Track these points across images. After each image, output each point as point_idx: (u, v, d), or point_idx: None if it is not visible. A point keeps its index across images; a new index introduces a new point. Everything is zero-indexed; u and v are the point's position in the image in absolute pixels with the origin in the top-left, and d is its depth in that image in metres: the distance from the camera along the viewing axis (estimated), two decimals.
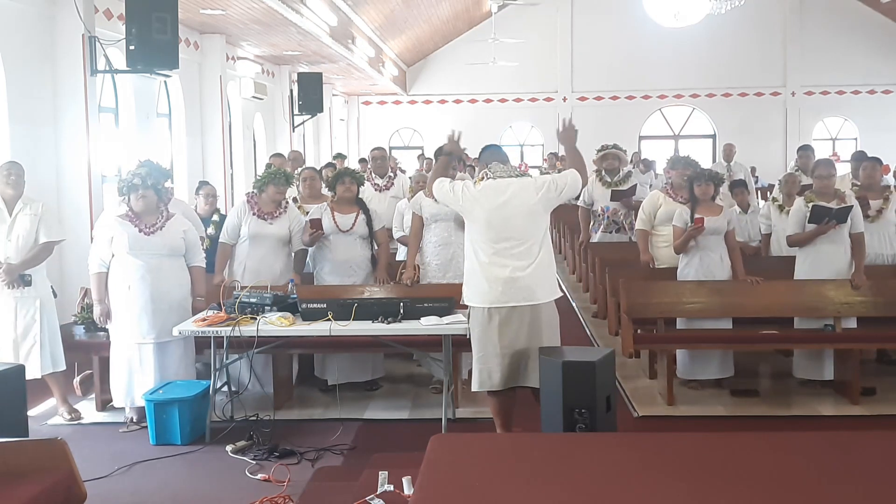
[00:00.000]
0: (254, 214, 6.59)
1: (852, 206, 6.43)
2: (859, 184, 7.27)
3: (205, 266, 6.25)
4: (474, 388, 5.10)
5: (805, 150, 9.83)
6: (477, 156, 5.35)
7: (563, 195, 5.09)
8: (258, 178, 6.81)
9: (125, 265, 5.89)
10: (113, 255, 5.92)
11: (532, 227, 5.00)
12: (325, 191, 7.82)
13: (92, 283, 6.04)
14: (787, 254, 7.12)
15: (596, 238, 9.05)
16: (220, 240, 6.69)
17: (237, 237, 6.61)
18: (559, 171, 5.29)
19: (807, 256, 6.60)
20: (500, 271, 4.92)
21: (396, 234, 7.13)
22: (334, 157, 16.10)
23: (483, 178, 5.08)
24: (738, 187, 8.85)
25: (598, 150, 9.22)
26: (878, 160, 7.31)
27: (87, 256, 6.09)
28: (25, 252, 5.93)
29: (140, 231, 5.89)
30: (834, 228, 6.38)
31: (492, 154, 5.24)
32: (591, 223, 9.11)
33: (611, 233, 8.95)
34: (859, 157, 8.40)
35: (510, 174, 5.07)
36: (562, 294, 5.21)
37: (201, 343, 6.19)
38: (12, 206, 5.96)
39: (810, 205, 6.45)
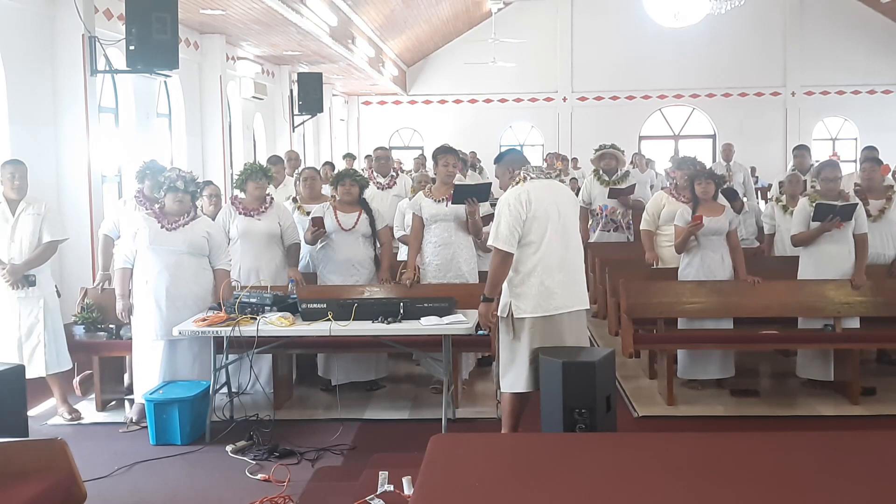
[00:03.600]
0: (240, 213, 6.59)
1: (857, 203, 6.43)
2: (859, 184, 7.27)
3: (229, 269, 6.22)
4: (522, 388, 4.92)
5: (801, 150, 9.81)
6: (494, 160, 5.27)
7: None
8: (237, 177, 6.82)
9: (145, 260, 5.93)
10: (137, 252, 5.95)
11: (577, 230, 5.15)
12: (325, 190, 7.82)
13: (115, 278, 6.11)
14: (791, 254, 7.13)
15: (594, 237, 9.07)
16: None
17: (226, 240, 6.61)
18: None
19: (811, 257, 6.60)
20: (558, 274, 4.91)
21: (398, 234, 7.13)
22: (343, 157, 16.17)
23: (525, 178, 5.02)
24: (731, 200, 8.83)
25: (596, 150, 9.26)
26: (877, 160, 7.31)
27: (86, 257, 6.11)
28: (29, 252, 5.94)
29: (162, 227, 5.91)
30: (838, 227, 6.38)
31: (516, 158, 5.22)
32: (590, 222, 9.14)
33: (609, 231, 8.97)
34: (870, 155, 8.37)
35: (548, 176, 5.12)
36: None
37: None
38: (15, 207, 5.97)
39: (814, 203, 6.45)
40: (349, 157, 16.05)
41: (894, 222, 6.92)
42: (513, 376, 4.98)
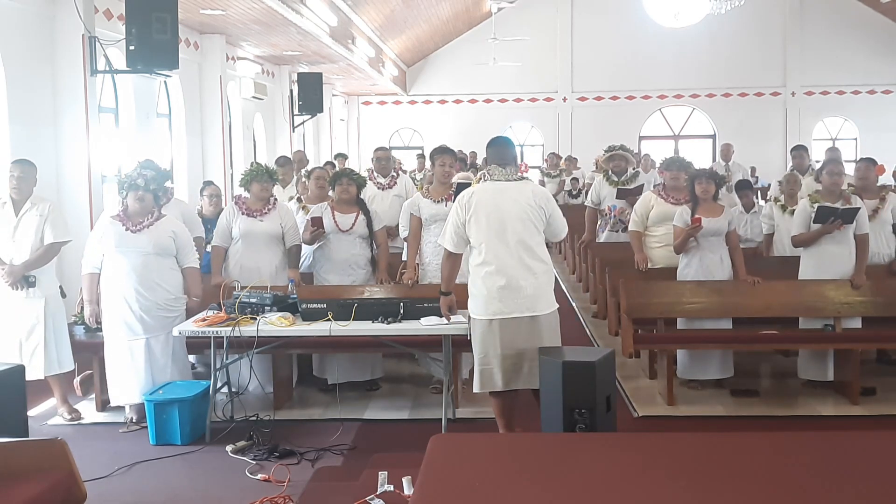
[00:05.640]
0: (243, 213, 6.60)
1: (859, 207, 6.43)
2: (853, 185, 7.28)
3: (198, 267, 6.23)
4: (476, 389, 5.11)
5: (798, 151, 9.84)
6: (484, 152, 5.35)
7: (548, 228, 5.09)
8: (242, 176, 6.83)
9: (113, 262, 5.91)
10: (104, 255, 5.94)
11: (528, 234, 4.98)
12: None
13: (83, 284, 6.06)
14: (790, 254, 7.13)
15: (603, 237, 9.06)
16: (212, 243, 6.71)
17: (228, 239, 6.62)
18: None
19: (811, 257, 6.60)
20: (498, 279, 4.91)
21: (403, 234, 7.11)
22: (335, 157, 16.16)
23: (481, 179, 5.09)
24: (744, 189, 8.92)
25: (606, 151, 9.25)
26: (871, 160, 7.31)
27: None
28: (31, 253, 5.93)
29: (127, 229, 5.89)
30: (839, 229, 6.38)
31: (496, 152, 5.18)
32: (598, 223, 9.14)
33: (617, 232, 8.95)
34: (835, 157, 8.48)
35: (508, 178, 5.06)
36: (557, 306, 5.17)
37: (201, 343, 6.20)
38: (20, 207, 5.97)
39: (815, 205, 6.45)
40: (341, 157, 16.05)
41: (888, 222, 6.96)
42: (475, 374, 5.10)
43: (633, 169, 9.43)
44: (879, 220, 6.91)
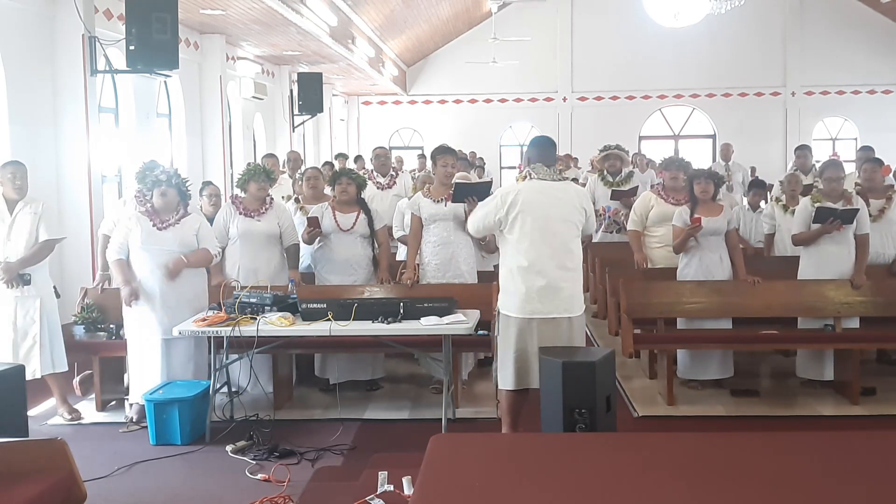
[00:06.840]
0: (240, 214, 6.60)
1: (858, 208, 6.43)
2: (861, 184, 7.28)
3: (215, 252, 6.18)
4: (510, 385, 4.98)
5: (803, 150, 9.87)
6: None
7: (583, 227, 5.09)
8: (239, 176, 6.83)
9: (138, 260, 5.94)
10: (129, 250, 5.95)
11: (570, 235, 4.99)
12: (327, 190, 7.83)
13: (114, 270, 6.06)
14: (791, 253, 7.13)
15: (597, 238, 9.06)
16: None
17: (225, 239, 6.62)
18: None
19: (811, 257, 6.60)
20: (538, 279, 4.88)
21: (397, 234, 7.14)
22: (335, 157, 16.17)
23: (526, 176, 5.05)
24: (756, 188, 9.00)
25: (601, 151, 9.24)
26: (878, 161, 7.32)
27: (86, 257, 6.11)
28: (26, 251, 5.93)
29: (154, 226, 5.92)
30: (838, 230, 6.38)
31: (539, 152, 5.13)
32: None
33: (611, 233, 8.96)
34: (864, 156, 8.44)
35: (553, 178, 5.03)
36: (585, 307, 5.16)
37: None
38: (13, 206, 5.97)
39: (815, 205, 6.45)
40: (341, 156, 16.07)
41: (894, 222, 6.94)
42: (503, 373, 5.04)
43: (630, 169, 9.43)
44: (885, 220, 6.90)
